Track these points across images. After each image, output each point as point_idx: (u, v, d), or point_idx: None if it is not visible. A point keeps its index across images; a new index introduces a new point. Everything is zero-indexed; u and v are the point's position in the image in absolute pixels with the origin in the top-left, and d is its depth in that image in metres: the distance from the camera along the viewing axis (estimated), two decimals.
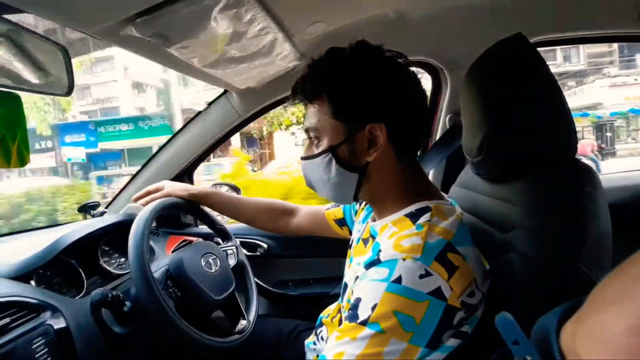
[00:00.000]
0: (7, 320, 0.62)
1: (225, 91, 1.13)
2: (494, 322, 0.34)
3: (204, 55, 0.78)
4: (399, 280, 0.47)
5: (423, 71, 1.16)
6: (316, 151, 0.62)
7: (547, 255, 0.53)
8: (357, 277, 0.55)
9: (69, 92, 0.63)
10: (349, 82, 0.59)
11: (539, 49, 0.62)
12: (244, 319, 0.91)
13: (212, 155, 1.45)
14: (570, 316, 0.27)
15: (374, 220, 0.65)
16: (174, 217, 1.26)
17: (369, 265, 0.52)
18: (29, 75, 0.61)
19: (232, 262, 0.98)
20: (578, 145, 0.62)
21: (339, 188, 0.62)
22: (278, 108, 1.38)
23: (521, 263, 0.55)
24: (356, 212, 0.84)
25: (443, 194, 0.66)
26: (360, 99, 0.58)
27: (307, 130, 0.64)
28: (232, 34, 0.73)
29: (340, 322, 0.73)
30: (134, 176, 1.23)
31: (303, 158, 0.67)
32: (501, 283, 0.57)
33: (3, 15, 0.53)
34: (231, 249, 1.01)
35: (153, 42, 0.67)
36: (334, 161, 0.60)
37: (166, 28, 0.64)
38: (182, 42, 0.70)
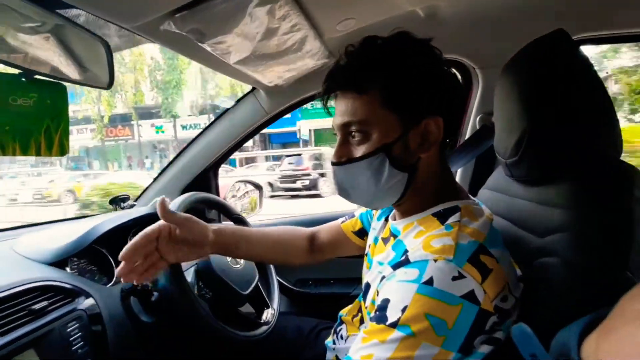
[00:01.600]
0: (45, 303, 0.65)
1: (253, 88, 1.15)
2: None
3: (236, 52, 0.79)
4: (430, 281, 0.45)
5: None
6: (362, 151, 0.55)
7: (592, 260, 0.50)
8: (382, 277, 0.53)
9: (109, 85, 0.65)
10: (406, 70, 0.54)
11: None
12: (268, 307, 0.92)
13: None
14: (591, 330, 0.26)
15: (395, 219, 0.63)
16: (198, 213, 1.28)
17: (397, 265, 0.51)
18: (72, 67, 0.64)
19: None
20: None
21: (387, 191, 0.57)
22: None
23: (561, 268, 0.52)
24: (372, 214, 0.81)
25: (470, 195, 0.63)
26: (418, 89, 0.54)
27: (346, 125, 0.56)
28: (265, 31, 0.74)
29: (361, 322, 0.72)
30: (162, 171, 1.27)
31: (343, 162, 0.57)
32: (536, 289, 0.55)
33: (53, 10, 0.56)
34: None
35: (189, 37, 0.69)
36: (387, 161, 0.54)
37: (203, 23, 0.66)
38: (217, 38, 0.71)
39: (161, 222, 0.63)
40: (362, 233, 0.85)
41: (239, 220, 1.06)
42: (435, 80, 0.55)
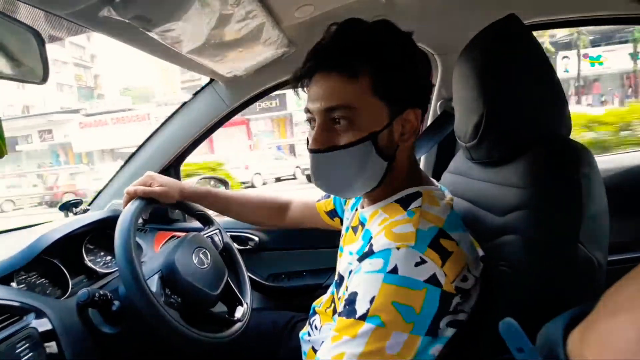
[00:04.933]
0: None
1: (212, 80, 1.10)
2: (490, 308, 0.33)
3: (188, 41, 0.74)
4: (395, 270, 0.46)
5: None
6: (347, 139, 0.53)
7: (547, 234, 0.53)
8: (350, 272, 0.54)
9: (44, 79, 0.59)
10: (398, 59, 0.52)
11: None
12: (241, 304, 0.89)
13: None
14: (577, 323, 0.27)
15: (363, 207, 0.63)
16: (161, 213, 1.22)
17: (362, 257, 0.51)
18: (3, 60, 0.57)
19: (218, 247, 0.96)
20: None
21: (365, 180, 0.56)
22: None
23: (520, 245, 0.55)
24: (345, 201, 0.83)
25: (433, 180, 0.65)
26: (407, 79, 0.54)
27: (329, 110, 0.53)
28: (217, 17, 0.70)
29: (334, 312, 0.73)
30: (117, 171, 1.19)
31: (325, 149, 0.54)
32: (497, 267, 0.58)
33: None
34: (216, 234, 0.98)
35: (133, 25, 0.63)
36: (373, 150, 0.53)
37: (147, 9, 0.61)
38: (165, 25, 0.66)
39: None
40: (333, 214, 0.89)
41: (203, 217, 1.01)
42: (420, 71, 0.56)
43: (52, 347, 0.64)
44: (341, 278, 0.62)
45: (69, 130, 18.56)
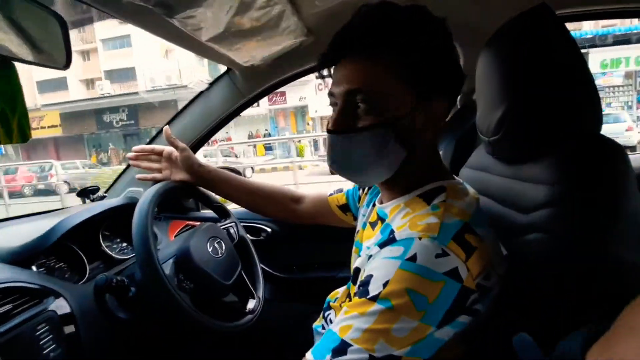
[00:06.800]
0: (9, 306, 0.60)
1: (228, 70, 1.09)
2: (509, 302, 0.32)
3: (208, 28, 0.73)
4: (413, 258, 0.45)
5: None
6: (367, 122, 0.51)
7: (578, 233, 0.51)
8: (369, 257, 0.53)
9: (66, 65, 0.59)
10: (428, 44, 0.50)
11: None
12: (253, 297, 0.90)
13: None
14: (594, 340, 0.26)
15: (381, 203, 0.62)
16: (175, 201, 1.23)
17: (383, 244, 0.50)
18: (23, 46, 0.57)
19: (234, 239, 0.96)
20: None
21: (382, 167, 0.54)
22: None
23: (548, 243, 0.53)
24: (359, 197, 0.81)
25: (453, 175, 0.63)
26: (437, 66, 0.51)
27: (351, 93, 0.51)
28: (238, 4, 0.69)
29: None
30: None
31: (343, 131, 0.53)
32: (521, 265, 0.56)
33: None
34: (232, 226, 0.99)
35: (155, 12, 0.63)
36: (393, 136, 0.51)
37: None
38: (186, 12, 0.65)
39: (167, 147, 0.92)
40: (345, 208, 0.88)
41: (220, 209, 1.02)
42: (451, 60, 0.53)
43: (70, 329, 0.65)
44: (357, 271, 0.62)
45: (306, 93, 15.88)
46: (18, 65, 0.54)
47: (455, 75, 0.54)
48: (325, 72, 0.56)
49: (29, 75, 17.65)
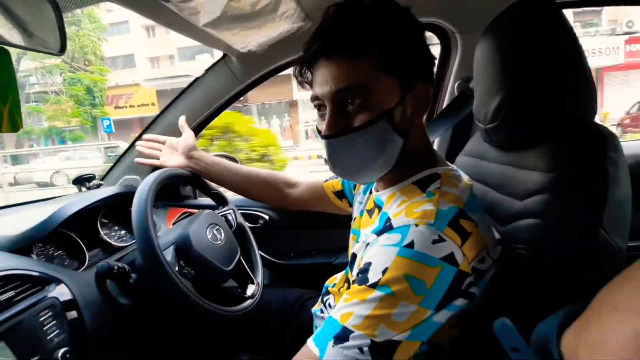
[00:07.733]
0: (11, 293, 0.60)
1: (225, 55, 1.07)
2: (503, 286, 0.32)
3: (205, 12, 0.72)
4: (411, 245, 0.46)
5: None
6: (361, 120, 0.52)
7: (570, 219, 0.52)
8: (367, 244, 0.54)
9: (62, 50, 0.58)
10: (401, 34, 0.52)
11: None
12: (252, 282, 0.91)
13: None
14: (570, 322, 0.26)
15: (377, 191, 0.63)
16: (173, 189, 1.23)
17: (380, 232, 0.51)
18: (15, 31, 0.55)
19: (232, 226, 0.97)
20: None
21: (386, 159, 0.55)
22: None
23: (541, 228, 0.54)
24: (354, 184, 0.82)
25: (447, 162, 0.64)
26: (413, 53, 0.53)
27: (340, 92, 0.52)
28: None
29: None
30: (129, 147, 1.18)
31: (340, 133, 0.53)
32: (514, 250, 0.57)
33: None
34: (230, 214, 0.99)
35: None
36: (390, 128, 0.52)
37: None
38: None
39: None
40: (341, 194, 0.89)
41: (218, 196, 1.02)
42: (423, 45, 0.55)
43: (73, 315, 0.66)
44: (354, 257, 0.63)
45: None
46: None
47: (430, 57, 0.56)
48: (299, 78, 0.57)
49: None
